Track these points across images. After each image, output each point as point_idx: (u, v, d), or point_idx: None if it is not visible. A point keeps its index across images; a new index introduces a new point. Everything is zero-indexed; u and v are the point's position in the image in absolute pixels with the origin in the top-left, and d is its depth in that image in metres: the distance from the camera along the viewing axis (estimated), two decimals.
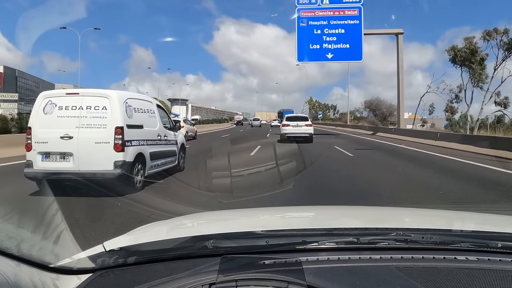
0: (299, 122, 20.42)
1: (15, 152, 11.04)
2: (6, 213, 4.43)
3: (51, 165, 6.28)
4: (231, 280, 1.04)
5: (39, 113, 6.45)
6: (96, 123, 6.32)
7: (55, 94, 6.82)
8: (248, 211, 2.49)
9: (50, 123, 6.35)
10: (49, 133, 6.31)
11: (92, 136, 6.28)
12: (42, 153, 6.31)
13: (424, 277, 1.06)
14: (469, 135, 23.81)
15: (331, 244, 1.25)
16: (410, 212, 2.25)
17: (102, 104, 6.38)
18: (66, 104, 6.41)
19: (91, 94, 6.63)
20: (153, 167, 7.51)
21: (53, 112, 6.40)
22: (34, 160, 6.31)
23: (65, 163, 6.27)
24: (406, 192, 7.10)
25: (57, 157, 6.30)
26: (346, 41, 29.29)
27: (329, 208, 2.67)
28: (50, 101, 6.46)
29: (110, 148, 6.28)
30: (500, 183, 8.12)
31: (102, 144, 6.28)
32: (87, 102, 6.40)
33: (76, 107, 6.37)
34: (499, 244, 1.24)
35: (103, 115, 6.34)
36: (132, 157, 6.61)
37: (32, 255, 1.13)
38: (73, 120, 6.31)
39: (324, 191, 7.10)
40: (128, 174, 6.42)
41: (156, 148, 7.71)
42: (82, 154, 6.23)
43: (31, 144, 6.35)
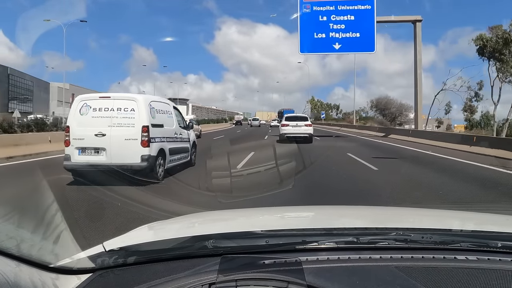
0: (299, 122, 20.04)
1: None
2: (6, 213, 4.43)
3: (86, 158, 7.30)
4: (231, 280, 1.04)
5: (76, 114, 7.48)
6: (125, 122, 7.35)
7: (90, 97, 7.82)
8: (247, 211, 2.49)
9: (86, 122, 7.36)
10: (85, 131, 7.31)
11: (122, 133, 7.30)
12: (79, 148, 7.32)
13: (424, 276, 1.06)
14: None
15: (331, 244, 1.25)
16: (410, 212, 2.25)
17: (130, 106, 7.42)
18: (99, 106, 7.45)
19: (120, 98, 7.73)
20: (171, 161, 8.49)
21: (88, 113, 7.42)
22: (72, 154, 7.33)
23: (99, 156, 7.29)
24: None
25: (92, 152, 7.32)
26: (356, 30, 25.22)
27: (328, 208, 2.67)
28: (85, 104, 7.51)
29: (137, 144, 7.28)
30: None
31: (131, 140, 7.31)
32: (117, 104, 7.46)
33: (108, 108, 7.41)
34: (499, 244, 1.24)
35: (131, 116, 7.36)
36: (156, 152, 7.60)
37: (32, 255, 1.13)
38: (105, 120, 7.33)
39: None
40: (152, 167, 7.43)
41: (174, 144, 8.73)
42: (114, 149, 7.25)
43: (69, 141, 7.37)
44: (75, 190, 6.41)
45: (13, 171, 9.54)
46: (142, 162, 7.30)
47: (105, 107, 7.46)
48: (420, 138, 22.27)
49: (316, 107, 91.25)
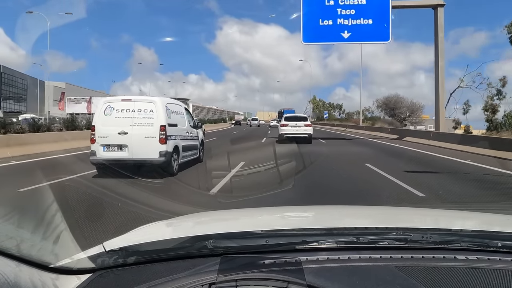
0: (298, 122, 19.71)
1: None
2: (6, 213, 4.43)
3: (110, 154, 8.16)
4: (231, 280, 1.04)
5: (100, 114, 8.37)
6: (145, 122, 8.20)
7: (113, 100, 8.85)
8: (247, 211, 2.50)
9: (110, 122, 8.22)
10: (109, 130, 8.17)
11: (142, 132, 8.15)
12: (103, 145, 8.15)
13: (423, 276, 1.06)
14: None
15: (331, 243, 1.25)
16: (409, 212, 2.25)
17: (149, 108, 8.28)
18: (122, 108, 8.32)
19: (140, 100, 8.63)
20: (183, 157, 9.34)
21: (112, 114, 8.29)
22: (97, 150, 8.17)
23: (121, 152, 8.13)
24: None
25: (115, 148, 8.16)
26: (368, 16, 21.79)
27: (328, 208, 2.67)
28: (109, 106, 8.39)
29: (156, 141, 8.11)
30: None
31: (150, 138, 8.13)
32: (138, 106, 8.33)
33: (129, 110, 8.28)
34: (499, 244, 1.24)
35: (150, 116, 8.22)
36: (172, 148, 8.45)
37: (32, 255, 1.13)
38: (127, 120, 8.19)
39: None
40: (169, 161, 8.30)
41: (186, 142, 9.58)
42: (135, 146, 8.10)
43: (95, 139, 8.22)
44: (75, 190, 6.43)
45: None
46: (160, 158, 8.12)
47: (126, 109, 8.32)
48: (443, 141, 18.63)
49: (318, 107, 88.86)
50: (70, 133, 17.51)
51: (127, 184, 7.19)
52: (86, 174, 8.24)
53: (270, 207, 3.64)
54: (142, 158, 8.17)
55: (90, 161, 8.29)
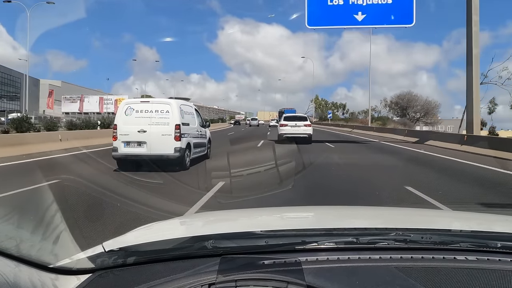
0: (298, 122, 19.52)
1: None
2: (6, 213, 4.43)
3: (130, 150, 9.09)
4: (230, 280, 1.04)
5: (121, 114, 9.32)
6: (162, 121, 9.15)
7: (133, 101, 9.94)
8: (247, 211, 2.50)
9: (130, 121, 9.15)
10: (129, 128, 9.09)
11: (159, 130, 9.08)
12: (124, 142, 9.07)
13: (423, 277, 1.06)
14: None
15: (331, 244, 1.25)
16: (409, 212, 2.25)
17: (165, 109, 9.23)
18: (141, 109, 9.26)
19: (157, 102, 9.71)
20: (194, 153, 10.23)
21: (132, 114, 9.22)
22: (119, 146, 9.10)
23: (140, 148, 9.05)
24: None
25: (135, 145, 9.09)
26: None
27: (328, 208, 2.67)
28: (130, 107, 9.35)
29: (171, 139, 9.04)
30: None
31: (166, 136, 9.05)
32: (155, 107, 9.27)
33: (147, 110, 9.21)
34: (498, 244, 1.24)
35: (167, 116, 9.15)
36: (185, 145, 9.38)
37: (32, 256, 1.13)
38: (146, 119, 9.12)
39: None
40: (182, 157, 9.22)
41: (196, 140, 10.51)
42: (153, 143, 9.00)
43: (117, 136, 9.12)
44: (74, 191, 6.43)
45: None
46: (175, 153, 9.05)
47: (145, 109, 9.26)
48: (482, 147, 14.47)
49: (320, 106, 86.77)
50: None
51: (126, 184, 7.21)
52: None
53: (270, 207, 3.64)
54: (159, 154, 9.04)
55: (112, 156, 9.25)
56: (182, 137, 9.24)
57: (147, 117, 9.16)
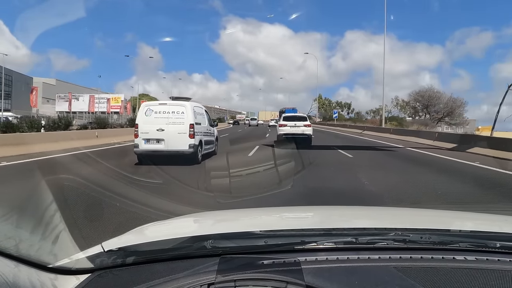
0: (297, 122, 18.94)
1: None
2: (4, 213, 4.42)
3: (150, 146, 10.25)
4: (229, 280, 1.04)
5: (142, 115, 10.52)
6: (178, 121, 10.33)
7: (152, 104, 11.16)
8: (246, 211, 2.49)
9: (150, 121, 10.29)
10: (149, 127, 10.22)
11: (175, 129, 10.25)
12: (144, 139, 10.21)
13: (422, 277, 1.06)
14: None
15: (330, 244, 1.25)
16: (408, 212, 2.25)
17: (181, 110, 10.44)
18: (159, 110, 10.45)
19: (174, 104, 10.90)
20: (205, 150, 11.44)
21: (151, 115, 10.39)
22: (140, 143, 10.25)
23: (159, 145, 10.23)
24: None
25: (154, 142, 10.23)
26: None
27: (327, 208, 2.67)
28: (149, 108, 10.58)
29: (186, 136, 10.22)
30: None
31: (182, 134, 10.22)
32: (172, 109, 10.48)
33: (165, 112, 10.40)
34: (497, 244, 1.24)
35: (182, 117, 10.35)
36: (198, 142, 10.56)
37: (31, 255, 1.13)
38: (164, 119, 10.32)
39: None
40: (196, 152, 10.40)
41: (206, 137, 11.67)
42: (170, 140, 10.20)
43: (138, 134, 10.26)
44: (74, 190, 6.43)
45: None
46: (189, 149, 10.25)
47: (163, 111, 10.43)
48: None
49: (324, 106, 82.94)
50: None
51: (125, 184, 7.21)
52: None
53: (269, 207, 3.64)
54: (175, 149, 10.23)
55: (134, 151, 10.39)
56: (195, 135, 10.41)
57: (164, 118, 10.37)
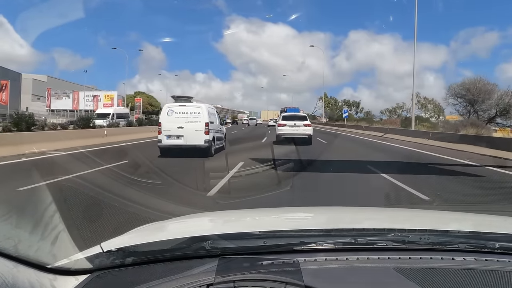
0: (297, 121, 18.34)
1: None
2: (3, 213, 4.42)
3: (171, 141, 12.15)
4: (229, 281, 1.04)
5: (164, 115, 12.46)
6: (195, 120, 12.14)
7: (173, 105, 12.84)
8: (245, 212, 2.49)
9: (171, 120, 12.16)
10: (171, 125, 12.10)
11: (193, 127, 12.05)
12: (167, 135, 12.14)
13: (421, 277, 1.06)
14: None
15: (329, 245, 1.25)
16: (407, 213, 2.25)
17: (197, 111, 12.31)
18: (179, 111, 12.32)
19: (192, 106, 12.80)
20: (216, 145, 13.30)
21: (172, 115, 12.25)
22: (163, 139, 12.16)
23: (179, 140, 12.10)
24: None
25: (175, 137, 12.12)
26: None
27: (326, 209, 2.67)
28: (170, 109, 12.42)
29: (202, 133, 12.01)
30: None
31: (198, 131, 11.99)
32: (190, 109, 12.36)
33: (184, 112, 12.26)
34: (496, 245, 1.24)
35: (198, 116, 12.19)
36: (211, 138, 12.35)
37: (30, 256, 1.13)
38: (183, 119, 12.19)
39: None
40: (209, 147, 12.22)
41: (217, 134, 13.56)
42: (188, 136, 12.01)
43: (161, 131, 12.18)
44: (73, 191, 6.43)
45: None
46: (204, 144, 12.04)
47: (182, 111, 12.27)
48: None
49: (329, 105, 78.21)
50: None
51: (125, 184, 7.21)
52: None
53: (268, 208, 3.64)
54: (193, 144, 12.02)
55: (158, 145, 12.25)
56: (210, 132, 12.23)
57: (184, 117, 12.22)
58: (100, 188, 6.33)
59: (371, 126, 38.12)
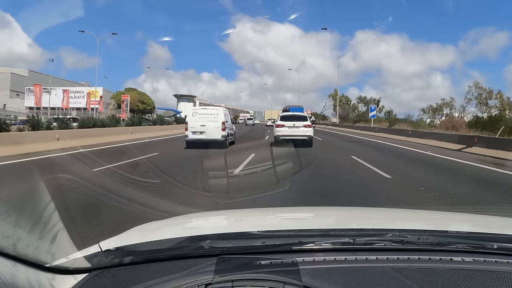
0: (296, 122, 17.16)
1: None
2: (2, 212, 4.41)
3: (195, 136, 15.69)
4: (227, 281, 1.04)
5: (190, 116, 16.13)
6: (214, 120, 15.70)
7: (197, 108, 17.40)
8: (244, 211, 2.49)
9: (195, 120, 15.78)
10: (195, 123, 15.70)
11: (212, 125, 15.59)
12: (192, 132, 15.73)
13: (420, 278, 1.07)
14: None
15: (327, 245, 1.25)
16: (406, 213, 2.26)
17: (216, 112, 16.05)
18: (202, 112, 16.08)
19: (211, 108, 17.02)
20: (229, 139, 16.89)
21: (196, 115, 15.90)
22: (189, 134, 15.74)
23: (202, 135, 15.62)
24: None
25: (198, 133, 15.67)
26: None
27: (325, 209, 2.67)
28: (195, 111, 16.25)
29: (220, 130, 15.55)
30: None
31: (217, 128, 15.57)
32: (210, 111, 16.19)
33: (206, 114, 15.93)
34: (495, 245, 1.24)
35: (217, 117, 15.79)
36: (227, 134, 16.07)
37: (28, 255, 1.13)
38: (205, 118, 15.74)
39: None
40: (225, 141, 15.81)
41: (230, 131, 17.33)
42: (209, 132, 15.57)
43: (188, 128, 15.78)
44: (72, 190, 6.43)
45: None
46: (221, 138, 15.70)
47: (204, 113, 16.06)
48: None
49: (341, 104, 66.97)
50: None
51: (123, 183, 7.22)
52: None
53: (267, 207, 3.64)
54: (212, 138, 15.57)
55: (185, 140, 15.93)
56: (225, 129, 15.88)
57: (205, 117, 15.86)
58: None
59: (415, 130, 26.99)
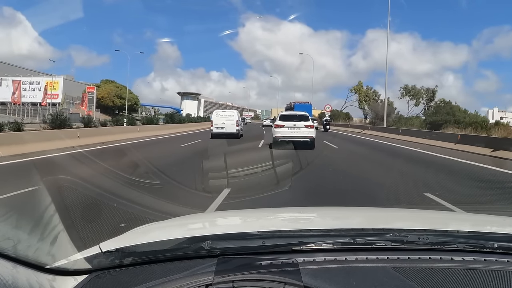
0: (297, 122, 15.55)
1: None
2: (3, 213, 4.41)
3: (218, 130, 23.26)
4: (227, 281, 1.04)
5: (214, 116, 24.27)
6: (231, 118, 23.88)
7: (219, 111, 26.74)
8: (244, 212, 2.49)
9: (218, 119, 23.82)
10: (218, 121, 23.65)
11: (230, 122, 23.61)
12: (215, 127, 23.51)
13: (420, 277, 1.07)
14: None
15: (328, 245, 1.25)
16: (406, 213, 2.26)
17: (232, 114, 24.79)
18: (222, 114, 24.67)
19: (229, 110, 27.07)
20: (241, 133, 24.64)
21: (218, 116, 24.09)
22: (213, 129, 23.49)
23: (222, 130, 23.19)
24: None
25: (220, 128, 23.34)
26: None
27: (325, 209, 2.67)
28: (217, 113, 24.76)
29: (235, 125, 23.54)
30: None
31: (232, 124, 23.52)
32: (228, 113, 25.05)
33: (225, 115, 24.54)
34: (495, 245, 1.24)
35: (232, 117, 24.15)
36: (240, 129, 24.68)
37: (29, 256, 1.13)
38: (224, 118, 23.90)
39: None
40: (239, 134, 23.89)
41: (240, 127, 24.76)
42: (227, 127, 23.46)
43: (212, 124, 23.78)
44: (72, 191, 6.43)
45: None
46: (236, 131, 23.05)
47: (224, 114, 24.13)
48: None
49: (366, 98, 55.01)
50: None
51: (123, 184, 7.22)
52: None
53: (267, 208, 3.64)
54: (230, 132, 22.57)
55: (211, 133, 23.17)
56: (239, 125, 23.42)
57: (225, 117, 23.34)
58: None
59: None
